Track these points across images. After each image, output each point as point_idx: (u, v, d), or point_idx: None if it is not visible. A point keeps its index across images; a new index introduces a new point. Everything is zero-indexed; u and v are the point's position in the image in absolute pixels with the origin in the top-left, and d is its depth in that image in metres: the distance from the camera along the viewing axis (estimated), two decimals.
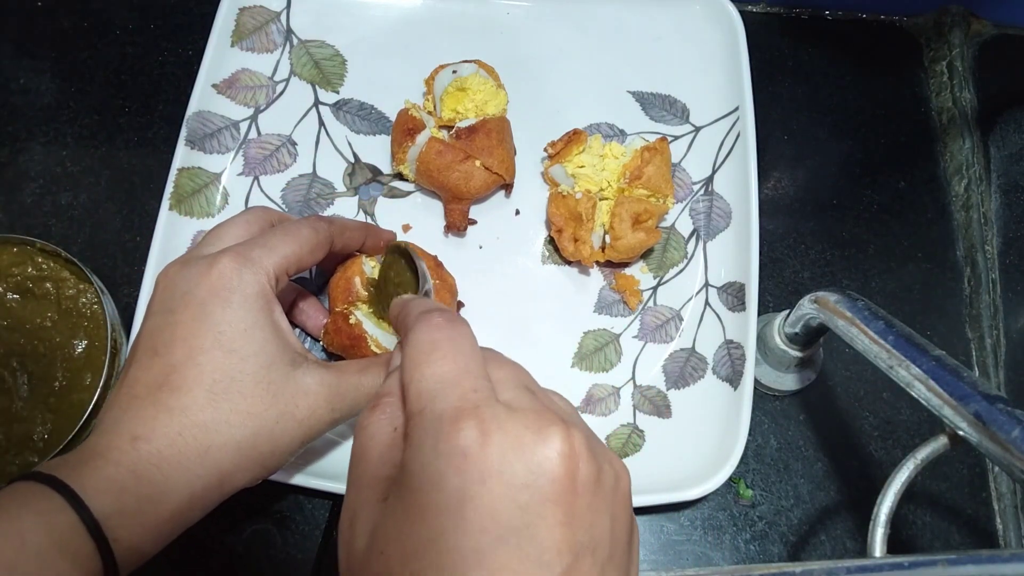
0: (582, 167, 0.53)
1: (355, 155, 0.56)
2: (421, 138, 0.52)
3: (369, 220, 0.55)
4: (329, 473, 0.47)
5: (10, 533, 0.31)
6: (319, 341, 0.49)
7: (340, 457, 0.48)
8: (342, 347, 0.47)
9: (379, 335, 0.48)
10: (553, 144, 0.54)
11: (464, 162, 0.51)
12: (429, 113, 0.54)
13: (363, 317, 0.47)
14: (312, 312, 0.50)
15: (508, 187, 0.55)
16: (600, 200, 0.52)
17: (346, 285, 0.47)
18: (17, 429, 0.46)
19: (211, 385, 0.37)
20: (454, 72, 0.53)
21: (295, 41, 0.58)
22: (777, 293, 0.57)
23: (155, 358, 0.37)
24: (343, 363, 0.42)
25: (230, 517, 0.50)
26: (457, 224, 0.53)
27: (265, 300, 0.39)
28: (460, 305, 0.51)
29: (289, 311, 0.49)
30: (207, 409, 0.36)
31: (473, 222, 0.54)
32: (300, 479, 0.46)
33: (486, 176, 0.52)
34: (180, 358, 0.37)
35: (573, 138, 0.53)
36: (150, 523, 0.35)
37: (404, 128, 0.52)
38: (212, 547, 0.49)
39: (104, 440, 0.35)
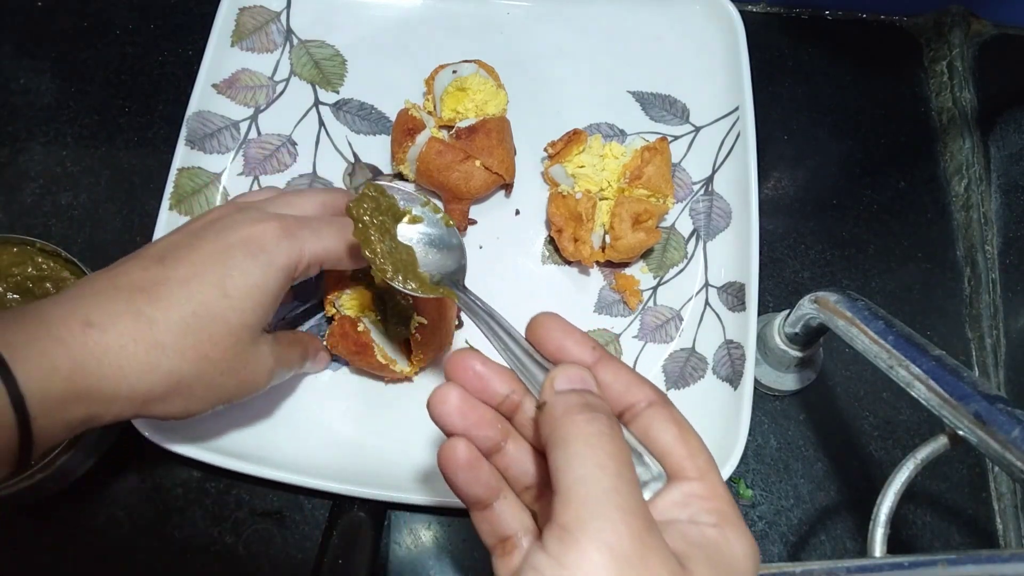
0: (582, 167, 0.53)
1: (355, 155, 0.56)
2: (421, 138, 0.52)
3: None
4: (329, 473, 0.47)
5: None
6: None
7: (340, 457, 0.48)
8: (348, 352, 0.48)
9: (385, 346, 0.48)
10: (553, 144, 0.54)
11: (464, 162, 0.51)
12: (429, 113, 0.54)
13: (371, 325, 0.48)
14: None
15: (508, 187, 0.55)
16: (600, 200, 0.52)
17: (339, 273, 0.48)
18: None
19: (190, 314, 0.37)
20: (454, 72, 0.53)
21: (295, 41, 0.58)
22: (777, 293, 0.57)
23: (157, 265, 0.38)
24: (280, 334, 0.44)
25: (230, 517, 0.50)
26: (457, 224, 0.53)
27: (285, 274, 0.40)
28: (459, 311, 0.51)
29: None
30: (172, 333, 0.36)
31: (473, 222, 0.54)
32: (300, 479, 0.46)
33: (486, 176, 0.52)
34: (179, 276, 0.37)
35: (573, 138, 0.53)
36: (70, 412, 0.34)
37: (404, 128, 0.52)
38: (212, 547, 0.49)
39: (59, 312, 0.35)
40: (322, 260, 0.41)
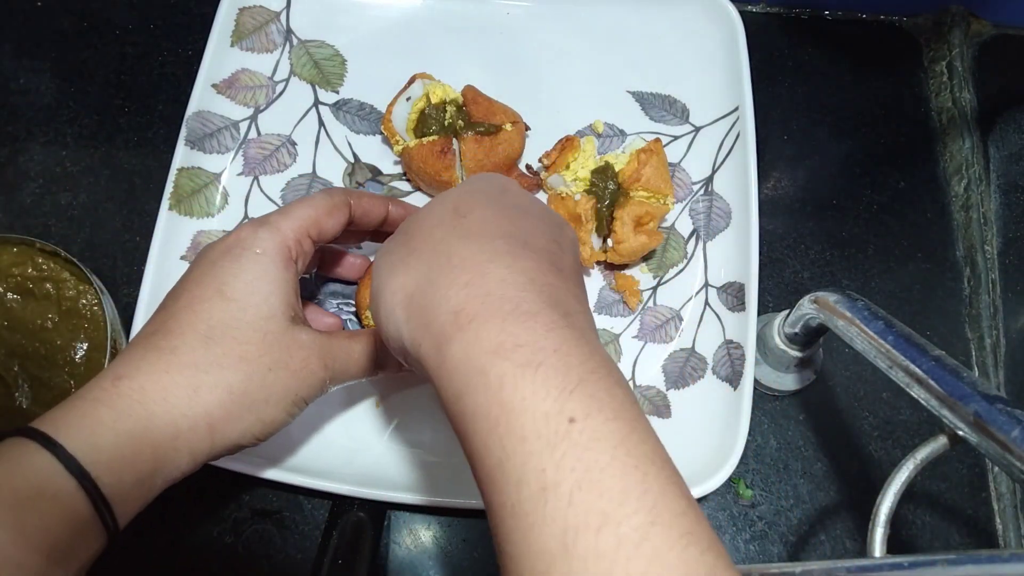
0: (580, 178, 0.53)
1: (355, 155, 0.56)
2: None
3: None
4: (329, 473, 0.47)
5: None
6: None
7: (340, 457, 0.48)
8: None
9: None
10: (547, 154, 0.54)
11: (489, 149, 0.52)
12: (404, 148, 0.53)
13: None
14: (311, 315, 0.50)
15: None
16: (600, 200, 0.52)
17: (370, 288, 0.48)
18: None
19: (206, 330, 0.37)
20: (408, 99, 0.53)
21: (295, 41, 0.58)
22: (777, 293, 0.57)
23: (159, 312, 0.38)
24: (332, 331, 0.43)
25: (230, 517, 0.50)
26: None
27: (280, 258, 0.39)
28: None
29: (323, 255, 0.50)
30: (199, 350, 0.36)
31: None
32: (300, 479, 0.46)
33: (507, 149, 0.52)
34: (179, 307, 0.38)
35: (567, 145, 0.53)
36: (131, 460, 0.33)
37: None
38: (212, 547, 0.49)
39: (88, 384, 0.35)
40: (304, 229, 0.41)
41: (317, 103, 0.57)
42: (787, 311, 0.50)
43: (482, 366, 0.27)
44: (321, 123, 0.56)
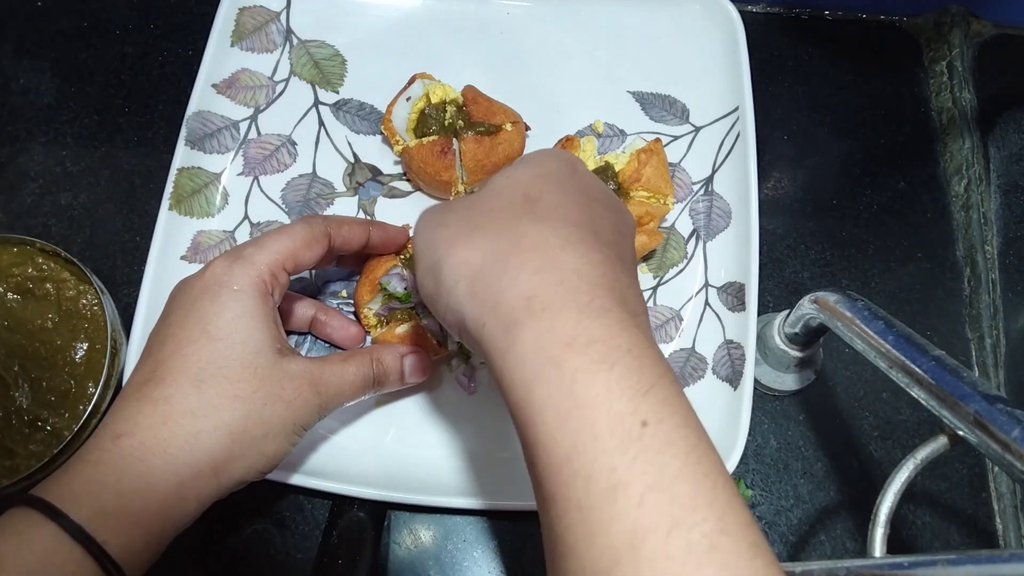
0: None
1: (355, 155, 0.56)
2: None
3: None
4: (329, 473, 0.47)
5: None
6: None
7: (340, 457, 0.48)
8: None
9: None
10: None
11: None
12: (404, 148, 0.53)
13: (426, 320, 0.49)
14: (337, 325, 0.50)
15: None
16: None
17: (370, 287, 0.48)
18: (18, 431, 0.46)
19: (196, 373, 0.37)
20: (408, 99, 0.53)
21: (295, 41, 0.58)
22: (777, 293, 0.57)
23: (147, 359, 0.38)
24: (326, 355, 0.43)
25: (230, 517, 0.50)
26: None
27: (257, 293, 0.39)
28: None
29: (313, 325, 0.50)
30: (192, 396, 0.36)
31: None
32: (300, 479, 0.46)
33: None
34: (167, 353, 0.38)
35: (566, 145, 0.53)
36: (137, 518, 0.34)
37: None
38: (212, 547, 0.49)
39: (88, 445, 0.35)
40: (280, 263, 0.41)
41: (317, 103, 0.57)
42: (787, 311, 0.50)
43: (555, 357, 0.27)
44: (321, 123, 0.56)
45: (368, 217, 0.55)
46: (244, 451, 0.37)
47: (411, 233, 0.51)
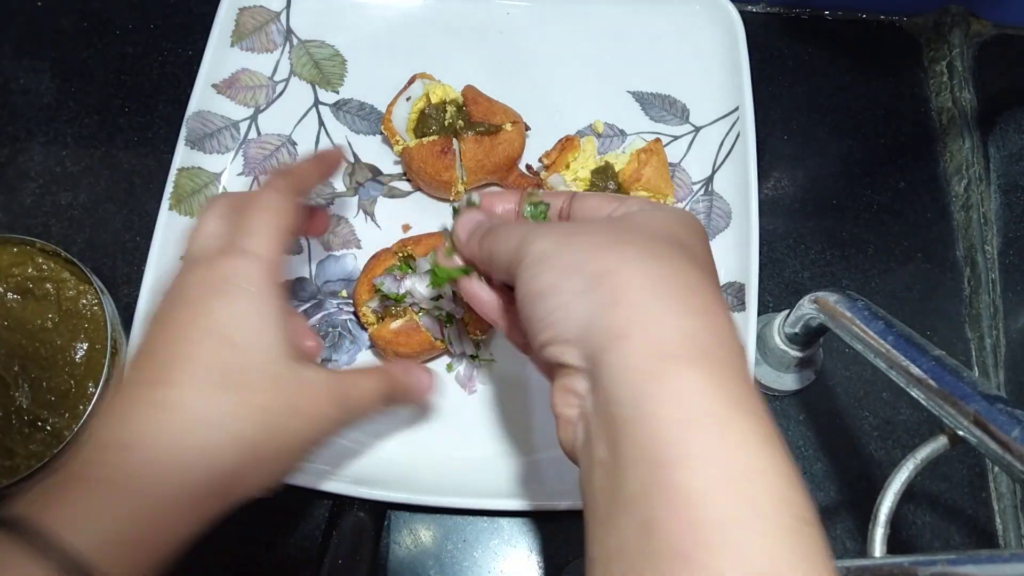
0: (581, 179, 0.53)
1: (355, 155, 0.56)
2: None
3: (369, 220, 0.55)
4: (329, 473, 0.47)
5: None
6: None
7: (340, 457, 0.48)
8: (418, 349, 0.49)
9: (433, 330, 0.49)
10: (548, 154, 0.54)
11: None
12: (404, 148, 0.53)
13: (428, 320, 0.49)
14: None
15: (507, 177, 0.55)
16: None
17: (368, 286, 0.48)
18: (18, 431, 0.46)
19: (212, 378, 0.33)
20: (408, 99, 0.53)
21: (295, 41, 0.58)
22: (777, 293, 0.57)
23: (149, 358, 0.34)
24: (341, 370, 0.41)
25: (230, 517, 0.49)
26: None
27: (271, 293, 0.36)
28: None
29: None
30: (207, 404, 0.33)
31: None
32: (300, 479, 0.46)
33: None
34: (177, 353, 0.34)
35: (566, 145, 0.53)
36: (143, 545, 0.30)
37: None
38: (212, 547, 0.49)
39: (90, 455, 0.31)
40: (278, 245, 0.37)
41: (317, 103, 0.57)
42: (787, 311, 0.50)
43: (718, 412, 0.27)
44: (321, 123, 0.56)
45: (368, 217, 0.55)
46: (257, 467, 0.34)
47: (348, 157, 0.53)
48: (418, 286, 0.48)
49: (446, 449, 0.49)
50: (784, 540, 0.25)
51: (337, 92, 0.57)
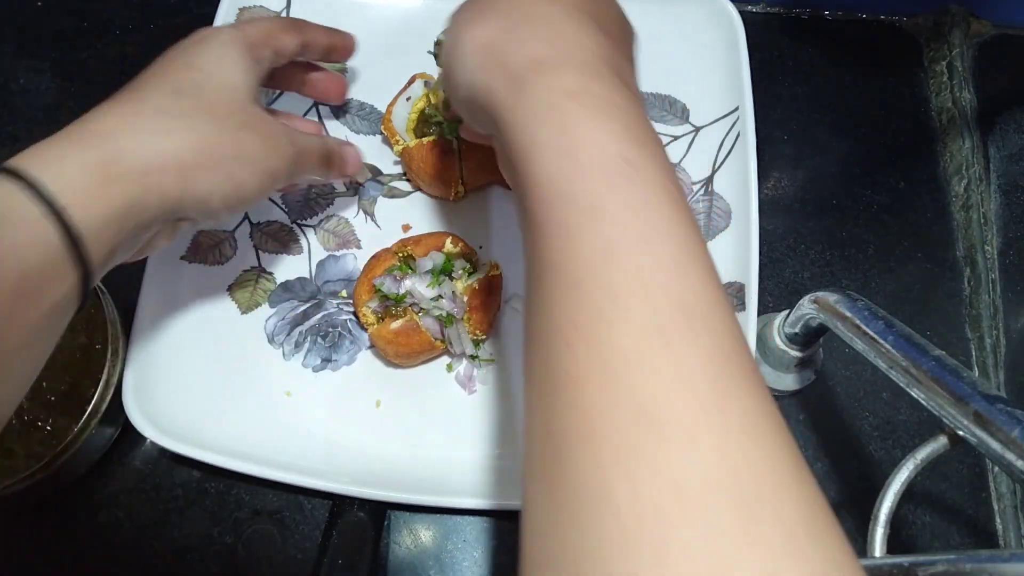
0: None
1: None
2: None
3: (369, 220, 0.55)
4: (329, 473, 0.47)
5: None
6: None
7: (340, 457, 0.48)
8: (416, 348, 0.49)
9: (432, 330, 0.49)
10: None
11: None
12: (404, 148, 0.53)
13: (428, 319, 0.49)
14: (322, 75, 0.52)
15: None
16: None
17: (368, 286, 0.48)
18: (18, 431, 0.46)
19: (174, 86, 0.38)
20: (408, 99, 0.53)
21: None
22: (777, 293, 0.57)
23: (129, 83, 0.39)
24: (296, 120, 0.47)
25: (230, 517, 0.50)
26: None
27: (244, 49, 0.41)
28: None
29: (294, 82, 0.52)
30: (167, 99, 0.37)
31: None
32: (300, 479, 0.46)
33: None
34: (148, 74, 0.39)
35: None
36: (99, 191, 0.33)
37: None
38: (212, 547, 0.49)
39: (57, 133, 0.36)
40: (262, 37, 0.43)
41: (317, 103, 0.57)
42: (787, 311, 0.50)
43: (558, 105, 0.29)
44: (321, 123, 0.56)
45: (368, 217, 0.55)
46: (213, 163, 0.37)
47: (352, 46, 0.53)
48: (418, 286, 0.48)
49: (446, 449, 0.49)
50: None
51: None
